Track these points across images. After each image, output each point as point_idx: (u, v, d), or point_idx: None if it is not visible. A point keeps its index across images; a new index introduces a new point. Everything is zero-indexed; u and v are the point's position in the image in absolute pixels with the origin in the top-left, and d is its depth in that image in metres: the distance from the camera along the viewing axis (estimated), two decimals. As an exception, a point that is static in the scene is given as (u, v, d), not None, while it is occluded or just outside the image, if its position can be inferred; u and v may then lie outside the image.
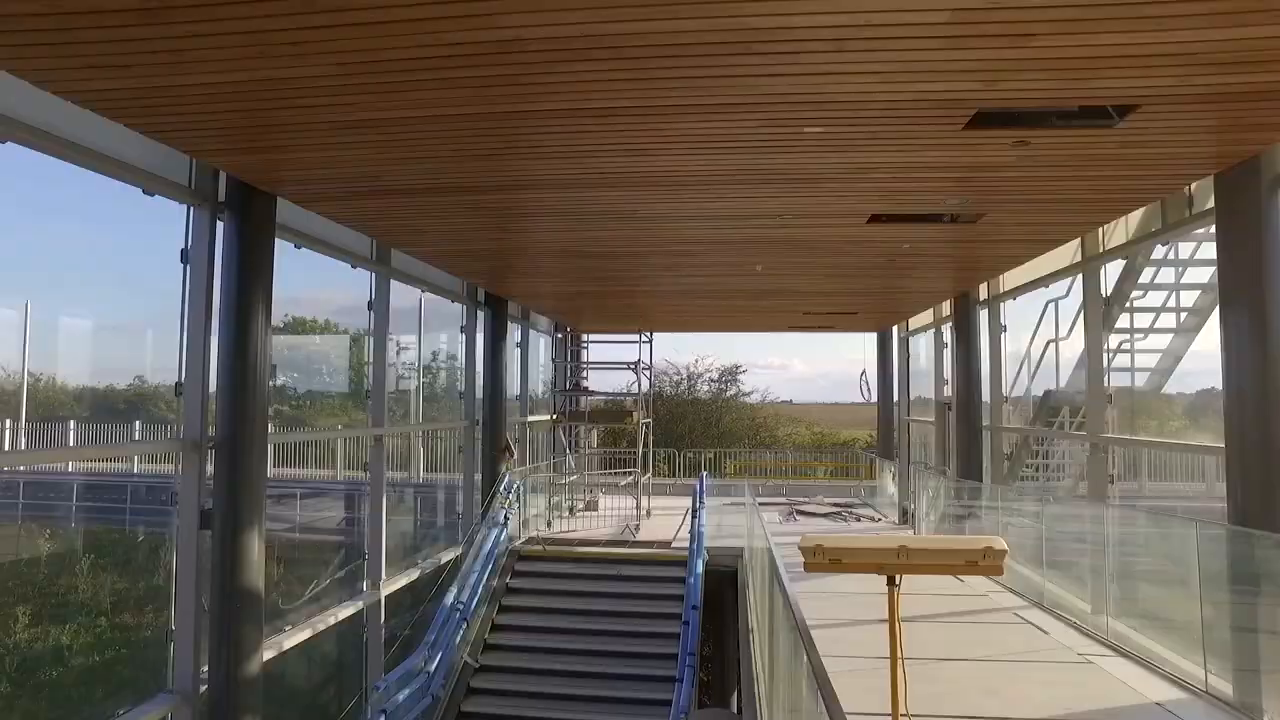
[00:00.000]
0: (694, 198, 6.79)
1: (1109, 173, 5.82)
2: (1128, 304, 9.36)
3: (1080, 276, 10.74)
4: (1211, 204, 6.38)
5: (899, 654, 3.55)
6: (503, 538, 12.72)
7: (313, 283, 10.45)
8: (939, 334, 16.30)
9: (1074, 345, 11.06)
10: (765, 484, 22.57)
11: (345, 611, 9.39)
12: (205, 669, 6.46)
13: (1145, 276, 9.21)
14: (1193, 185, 7.37)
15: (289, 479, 12.35)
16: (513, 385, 17.26)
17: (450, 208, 7.23)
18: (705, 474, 14.31)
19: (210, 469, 6.65)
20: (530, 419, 17.62)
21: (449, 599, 10.56)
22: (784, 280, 11.29)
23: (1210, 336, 9.14)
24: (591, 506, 17.20)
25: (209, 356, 6.71)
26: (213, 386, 6.70)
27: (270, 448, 13.42)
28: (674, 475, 25.19)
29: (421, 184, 6.37)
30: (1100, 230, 9.38)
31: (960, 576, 10.58)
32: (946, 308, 15.59)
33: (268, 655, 7.56)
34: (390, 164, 5.84)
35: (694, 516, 12.04)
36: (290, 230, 8.26)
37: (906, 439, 18.65)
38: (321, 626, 8.72)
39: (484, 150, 5.60)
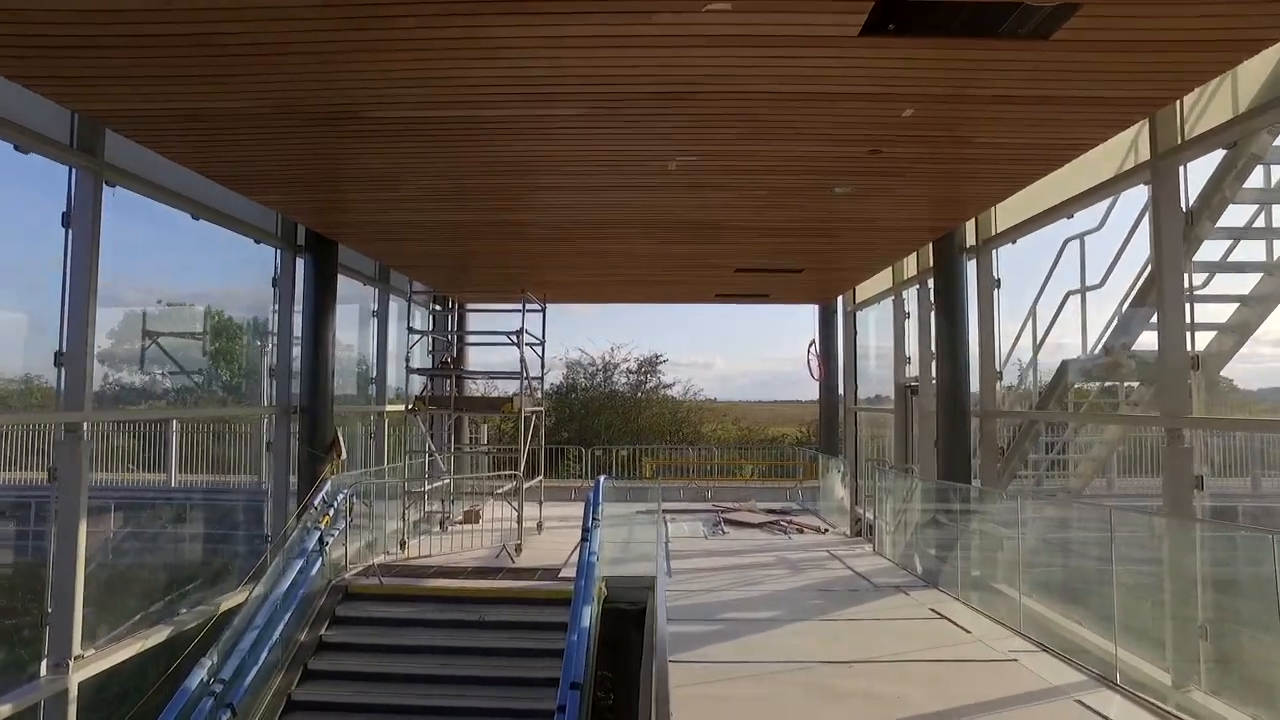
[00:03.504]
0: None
1: None
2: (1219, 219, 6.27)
3: (1116, 200, 7.76)
4: None
5: None
6: (315, 571, 8.94)
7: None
8: (899, 302, 13.25)
9: (1107, 298, 8.04)
10: (688, 486, 19.26)
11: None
12: None
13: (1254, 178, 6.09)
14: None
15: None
16: (363, 364, 13.50)
17: None
18: (604, 478, 10.78)
19: None
20: (389, 408, 13.82)
21: (195, 678, 6.75)
22: (713, 199, 7.87)
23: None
24: (472, 518, 13.63)
25: None
26: None
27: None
28: (585, 476, 21.68)
29: None
30: (1178, 109, 6.30)
31: (965, 626, 7.38)
32: (909, 266, 12.55)
33: None
34: None
35: (584, 540, 8.52)
36: None
37: (855, 431, 15.58)
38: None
39: None
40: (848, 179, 7.10)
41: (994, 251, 9.82)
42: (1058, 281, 8.80)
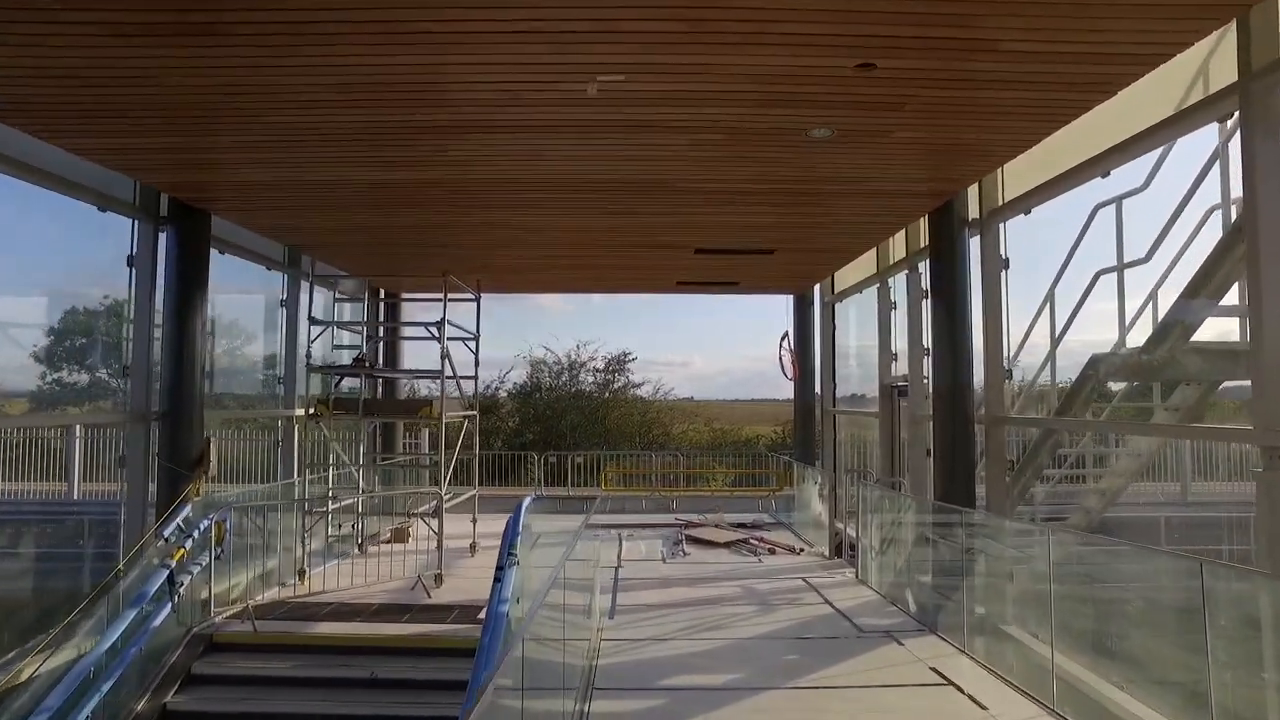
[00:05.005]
0: None
1: None
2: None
3: (1169, 151, 6.14)
4: None
5: None
6: (161, 620, 7.07)
7: None
8: (884, 290, 11.63)
9: (1149, 278, 6.41)
10: (650, 496, 17.53)
11: None
12: None
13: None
14: None
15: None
16: (270, 361, 11.66)
17: None
18: (530, 498, 8.94)
19: None
20: (299, 412, 11.96)
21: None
22: (655, 147, 6.13)
23: None
24: (401, 538, 11.93)
25: None
26: None
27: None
28: (540, 484, 19.90)
29: None
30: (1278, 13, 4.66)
31: (979, 698, 5.68)
32: (895, 249, 10.93)
33: None
34: None
35: (496, 582, 6.73)
36: None
37: (834, 436, 13.94)
38: None
39: None
40: (828, 114, 5.39)
41: (1001, 225, 8.18)
42: (1083, 259, 7.20)
